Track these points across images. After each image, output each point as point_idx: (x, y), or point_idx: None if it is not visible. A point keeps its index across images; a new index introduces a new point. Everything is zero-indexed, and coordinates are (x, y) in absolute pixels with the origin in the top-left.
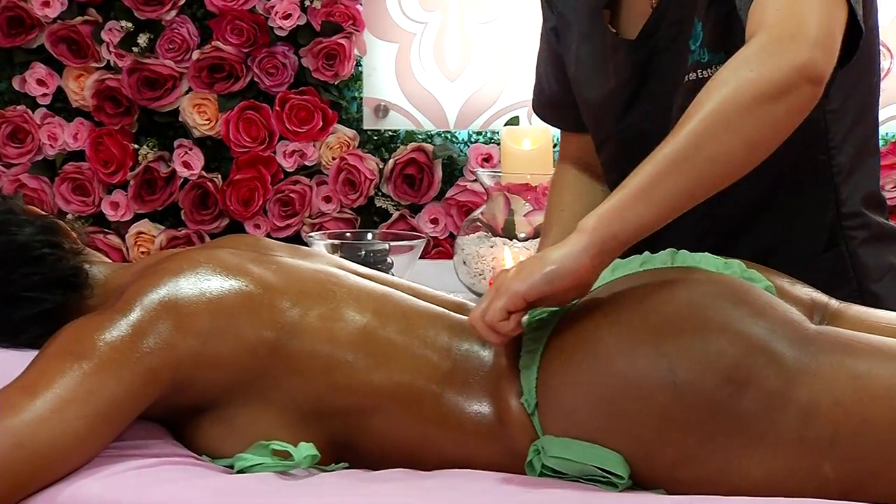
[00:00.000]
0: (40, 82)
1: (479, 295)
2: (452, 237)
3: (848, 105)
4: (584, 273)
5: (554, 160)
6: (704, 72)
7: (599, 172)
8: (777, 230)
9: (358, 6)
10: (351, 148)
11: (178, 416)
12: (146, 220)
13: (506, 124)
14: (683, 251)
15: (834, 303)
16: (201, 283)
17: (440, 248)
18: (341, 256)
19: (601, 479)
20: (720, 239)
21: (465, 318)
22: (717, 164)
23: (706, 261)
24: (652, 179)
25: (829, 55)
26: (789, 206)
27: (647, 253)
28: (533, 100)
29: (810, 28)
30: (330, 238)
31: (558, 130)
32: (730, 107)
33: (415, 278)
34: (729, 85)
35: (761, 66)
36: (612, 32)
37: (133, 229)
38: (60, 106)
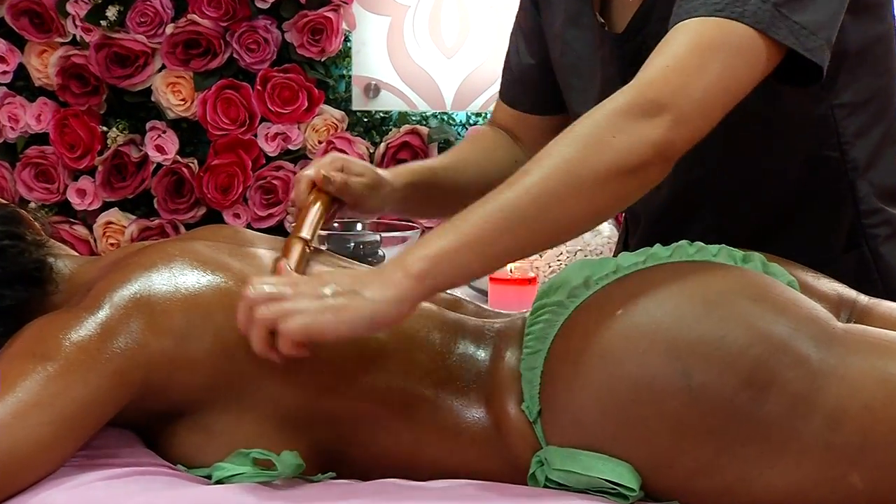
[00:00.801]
0: (0, 59)
1: (479, 291)
2: None
3: (860, 98)
4: (401, 320)
5: None
6: None
7: (528, 148)
8: (792, 234)
9: None
10: (339, 130)
11: (151, 421)
12: (115, 209)
13: None
14: (699, 243)
15: (863, 299)
16: (176, 278)
17: None
18: (329, 249)
19: (610, 491)
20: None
21: (462, 315)
22: (557, 228)
23: (724, 254)
24: (490, 234)
25: (693, 132)
26: (803, 208)
27: (658, 246)
28: (501, 81)
29: (682, 101)
30: None
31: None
32: (585, 172)
33: None
34: (586, 145)
35: (621, 133)
36: (599, 23)
37: (101, 219)
38: (22, 85)
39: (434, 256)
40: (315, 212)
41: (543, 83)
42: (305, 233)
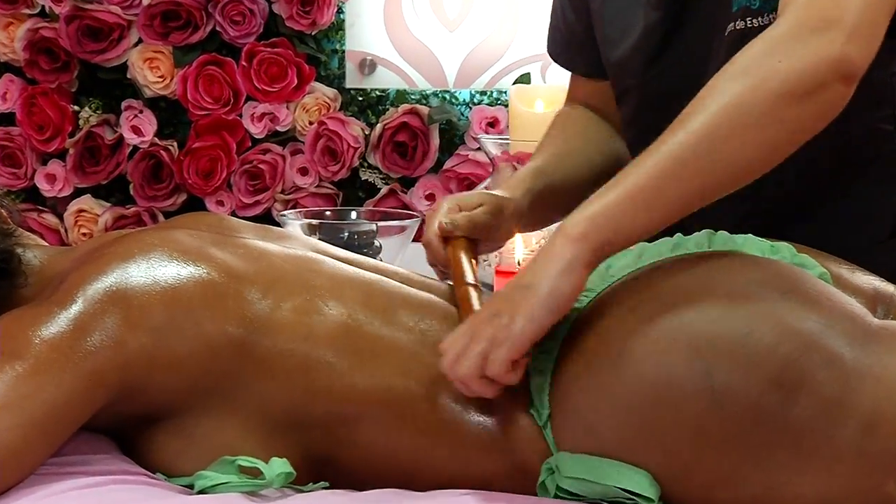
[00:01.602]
0: None
1: (484, 285)
2: None
3: None
4: (579, 290)
5: None
6: (754, 21)
7: (613, 121)
8: (831, 214)
9: None
10: (331, 110)
11: (129, 426)
12: (88, 195)
13: (515, 82)
14: (722, 233)
15: None
16: (154, 269)
17: None
18: (320, 239)
19: (626, 501)
20: (762, 226)
21: None
22: (730, 169)
23: (750, 244)
24: (655, 181)
25: (866, 48)
26: (846, 186)
27: (679, 235)
28: (548, 39)
29: (849, 13)
30: (307, 217)
31: None
32: (752, 103)
33: (407, 264)
34: (751, 75)
35: (790, 57)
36: None
37: (73, 207)
38: None
39: (595, 214)
40: (464, 258)
41: (593, 41)
42: (470, 278)
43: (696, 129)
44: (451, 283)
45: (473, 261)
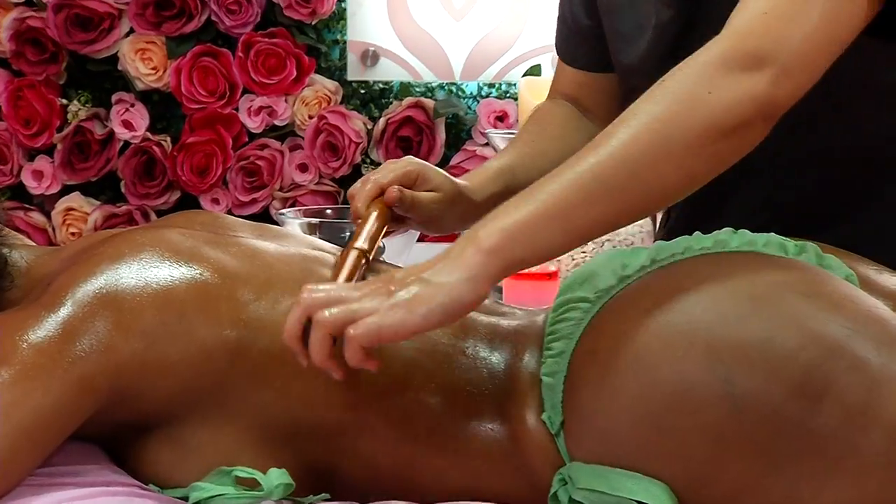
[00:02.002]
0: None
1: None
2: None
3: None
4: (479, 304)
5: None
6: None
7: (599, 117)
8: (855, 221)
9: None
10: (332, 104)
11: (120, 434)
12: (77, 193)
13: (524, 74)
14: (744, 231)
15: None
16: (146, 271)
17: None
18: (320, 238)
19: None
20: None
21: (474, 312)
22: (648, 196)
23: (772, 244)
24: (573, 202)
25: (795, 89)
26: (869, 192)
27: (698, 233)
28: (556, 34)
29: (784, 51)
30: (306, 216)
31: None
32: (678, 133)
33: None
34: (680, 102)
35: (719, 90)
36: None
37: (61, 205)
38: None
39: (509, 229)
40: (373, 220)
41: (601, 33)
42: (362, 243)
43: (617, 150)
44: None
45: (382, 232)
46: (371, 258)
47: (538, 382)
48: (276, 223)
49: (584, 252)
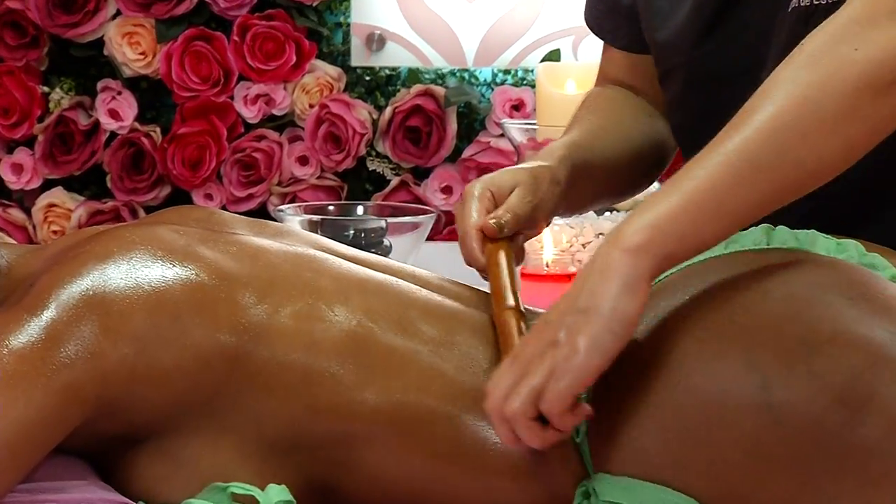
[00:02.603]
0: None
1: None
2: None
3: None
4: (643, 305)
5: None
6: None
7: (654, 101)
8: None
9: None
10: (334, 92)
11: (108, 447)
12: (59, 188)
13: (542, 60)
14: (782, 228)
15: None
16: (136, 271)
17: (454, 227)
18: (324, 235)
19: None
20: (827, 225)
21: (488, 315)
22: (805, 170)
23: (813, 241)
24: (722, 184)
25: None
26: None
27: None
28: (586, 6)
29: None
30: (307, 213)
31: None
32: (826, 97)
33: (421, 265)
34: (823, 65)
35: (866, 44)
36: None
37: (42, 201)
38: None
39: (654, 223)
40: (504, 270)
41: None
42: (511, 300)
43: (764, 125)
44: (489, 292)
45: (515, 271)
46: (523, 311)
47: None
48: (274, 220)
49: None
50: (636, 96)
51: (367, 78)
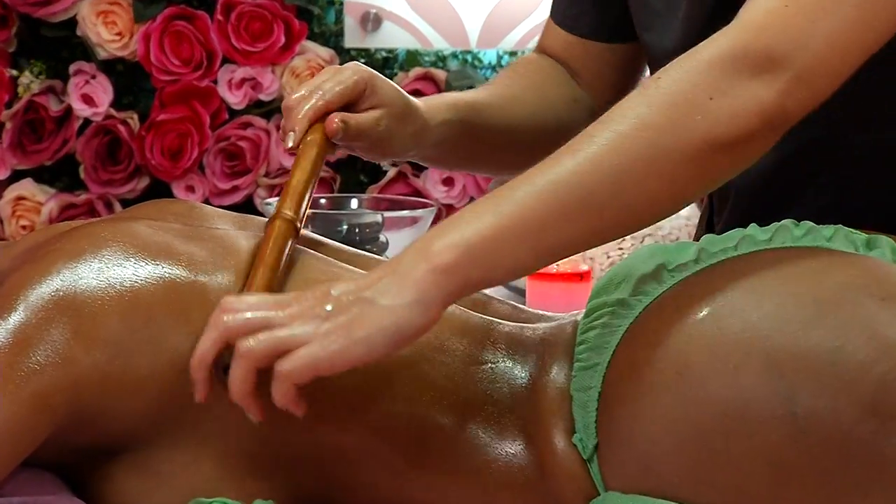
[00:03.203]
0: None
1: (513, 289)
2: None
3: None
4: (429, 329)
5: None
6: None
7: (589, 84)
8: None
9: None
10: None
11: (81, 460)
12: (29, 179)
13: None
14: (807, 223)
15: None
16: (109, 270)
17: None
18: (314, 232)
19: None
20: (855, 220)
21: (492, 319)
22: (630, 214)
23: (840, 237)
24: (543, 216)
25: (809, 98)
26: None
27: (753, 226)
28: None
29: (802, 53)
30: None
31: None
32: (671, 144)
33: None
34: (675, 107)
35: (723, 96)
36: None
37: (10, 193)
38: None
39: (467, 244)
40: (309, 171)
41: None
42: (289, 209)
43: (599, 160)
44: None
45: (315, 180)
46: (301, 227)
47: (568, 399)
48: (261, 214)
49: (620, 248)
50: (569, 77)
51: (362, 60)
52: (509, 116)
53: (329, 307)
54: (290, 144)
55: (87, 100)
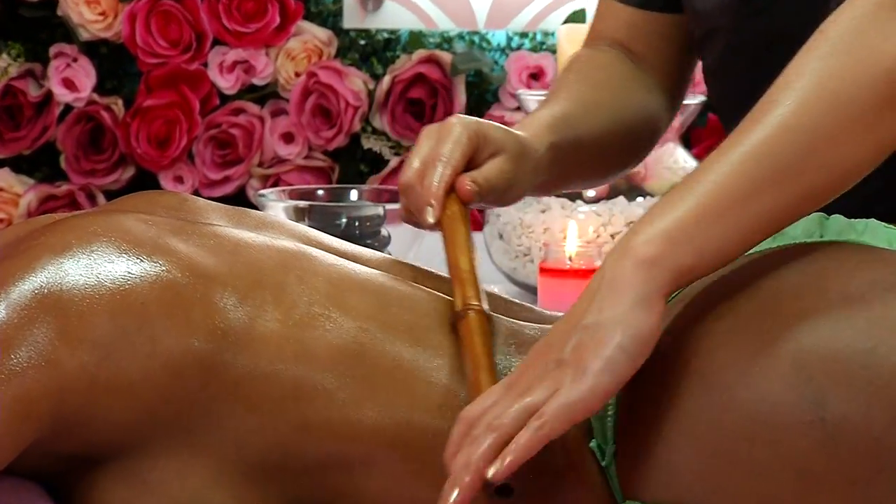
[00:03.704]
0: None
1: (522, 287)
2: None
3: None
4: (660, 328)
5: None
6: None
7: (652, 65)
8: None
9: None
10: (324, 58)
11: (65, 468)
12: (6, 169)
13: (565, 22)
14: (837, 216)
15: None
16: (98, 266)
17: None
18: (310, 226)
19: None
20: (893, 210)
21: (502, 317)
22: (833, 174)
23: (873, 232)
24: (744, 189)
25: None
26: None
27: None
28: None
29: None
30: (292, 198)
31: None
32: (858, 92)
33: (424, 260)
34: (850, 54)
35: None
36: None
37: None
38: None
39: (669, 232)
40: (470, 251)
41: None
42: (475, 298)
43: (787, 122)
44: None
45: (471, 246)
46: (489, 312)
47: None
48: (254, 206)
49: None
50: (633, 66)
51: (362, 42)
52: (597, 124)
53: (555, 354)
54: (432, 221)
55: (69, 84)
